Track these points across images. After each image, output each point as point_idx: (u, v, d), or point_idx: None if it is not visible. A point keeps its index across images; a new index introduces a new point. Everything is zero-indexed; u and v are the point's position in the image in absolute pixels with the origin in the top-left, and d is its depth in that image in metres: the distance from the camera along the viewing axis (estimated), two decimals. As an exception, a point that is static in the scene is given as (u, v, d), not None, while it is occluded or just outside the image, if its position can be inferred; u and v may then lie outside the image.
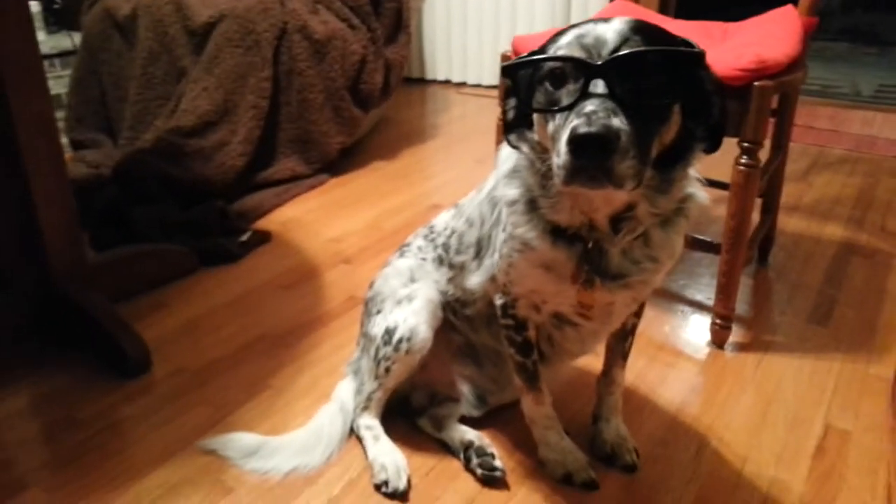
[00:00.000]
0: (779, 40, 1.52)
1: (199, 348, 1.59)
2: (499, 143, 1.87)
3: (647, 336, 1.61)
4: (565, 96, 0.85)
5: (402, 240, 1.40)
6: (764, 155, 1.57)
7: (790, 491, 1.18)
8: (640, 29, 0.85)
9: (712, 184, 1.96)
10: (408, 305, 1.24)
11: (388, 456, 1.22)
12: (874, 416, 1.37)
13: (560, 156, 0.81)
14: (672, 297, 1.80)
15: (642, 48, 0.82)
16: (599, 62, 0.81)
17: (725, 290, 1.53)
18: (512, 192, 1.02)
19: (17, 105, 1.47)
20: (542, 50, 0.90)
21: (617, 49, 0.82)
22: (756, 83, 1.37)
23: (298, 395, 1.43)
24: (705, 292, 1.80)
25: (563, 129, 0.81)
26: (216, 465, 1.23)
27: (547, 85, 0.87)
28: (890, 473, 1.22)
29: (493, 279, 1.12)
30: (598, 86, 0.81)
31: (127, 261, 1.80)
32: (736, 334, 1.62)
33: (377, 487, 1.18)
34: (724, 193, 1.55)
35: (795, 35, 1.57)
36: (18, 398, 1.44)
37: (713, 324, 1.58)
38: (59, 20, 3.71)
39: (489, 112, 3.55)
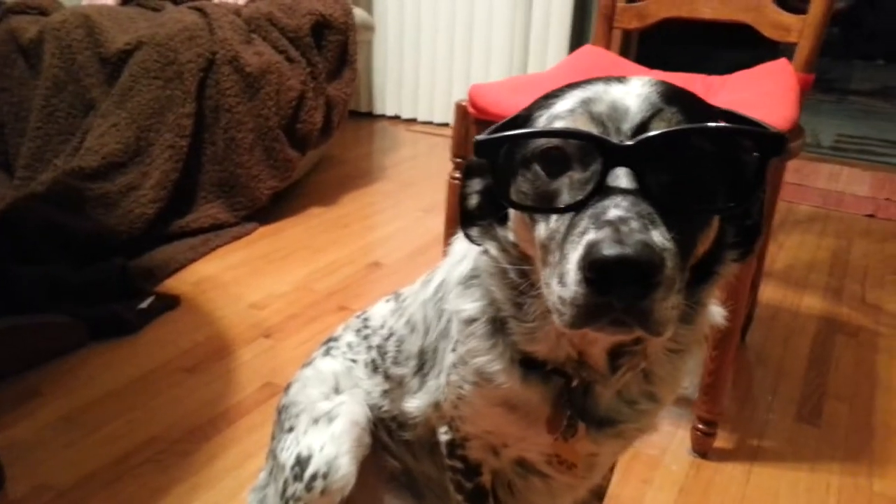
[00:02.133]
0: (777, 102, 1.31)
1: (73, 455, 1.28)
2: (450, 202, 1.63)
3: (617, 440, 1.37)
4: (567, 189, 0.60)
5: (336, 307, 1.14)
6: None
7: None
8: (674, 96, 0.61)
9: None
10: (326, 427, 0.97)
11: None
12: (887, 549, 1.15)
13: (567, 285, 0.55)
14: (644, 387, 1.56)
15: (692, 125, 0.58)
16: (627, 142, 0.56)
17: (712, 392, 1.30)
18: (469, 306, 0.75)
19: None
20: (529, 117, 0.64)
21: (645, 124, 0.58)
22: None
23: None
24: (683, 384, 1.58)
25: (568, 243, 0.56)
26: None
27: (537, 169, 0.61)
28: None
29: (437, 407, 0.86)
30: (621, 177, 0.56)
31: (2, 334, 1.49)
32: (720, 438, 1.39)
33: None
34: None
35: (793, 95, 1.37)
36: None
37: (695, 429, 1.34)
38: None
39: (440, 153, 3.31)
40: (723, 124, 0.60)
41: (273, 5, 2.52)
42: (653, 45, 3.07)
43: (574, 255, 0.54)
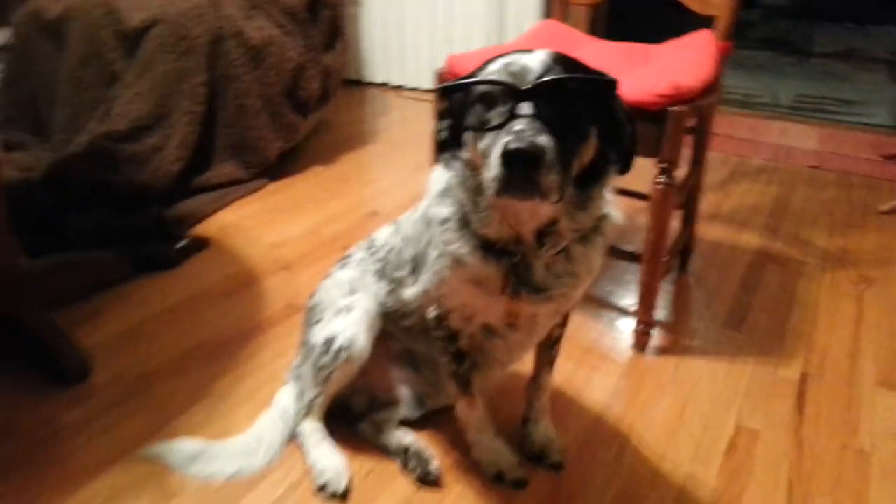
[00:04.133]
0: (695, 66, 1.62)
1: (138, 356, 1.60)
2: (434, 148, 1.93)
3: (574, 340, 1.70)
4: (496, 117, 0.93)
5: (341, 247, 1.45)
6: (683, 170, 1.67)
7: (703, 485, 1.28)
8: (560, 60, 0.96)
9: (635, 195, 2.08)
10: (347, 316, 1.29)
11: (328, 459, 1.26)
12: (781, 416, 1.48)
13: (492, 169, 0.90)
14: (599, 304, 1.89)
15: (564, 75, 0.93)
16: (526, 87, 0.91)
17: (646, 298, 1.63)
18: (444, 210, 1.09)
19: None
20: (474, 75, 0.99)
21: (541, 76, 0.92)
22: (671, 108, 1.47)
23: (240, 401, 1.46)
24: (629, 298, 1.91)
25: (494, 146, 0.90)
26: (159, 471, 1.26)
27: (478, 107, 0.96)
28: (791, 468, 1.34)
29: (427, 293, 1.18)
30: (525, 108, 0.90)
31: (62, 269, 1.79)
32: (657, 339, 1.72)
33: (318, 490, 1.23)
34: (647, 204, 1.64)
35: (711, 60, 1.68)
36: (-48, 409, 1.44)
37: (635, 329, 1.67)
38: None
39: (427, 116, 3.60)
40: (575, 75, 0.94)
41: (272, -17, 2.79)
42: (624, 16, 3.37)
43: (496, 150, 0.89)
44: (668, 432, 1.42)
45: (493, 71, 0.95)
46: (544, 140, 0.87)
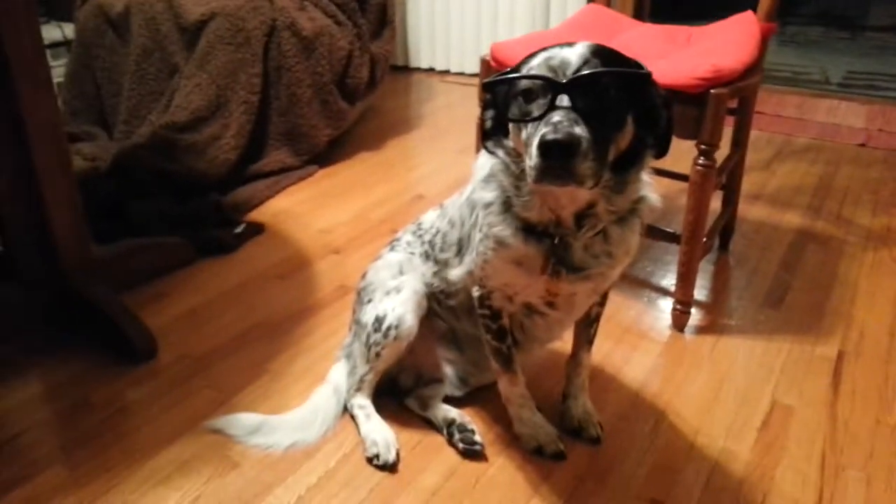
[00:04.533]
0: (737, 47, 1.65)
1: (201, 335, 1.72)
2: (479, 136, 1.99)
3: (614, 320, 1.76)
4: (536, 109, 1.00)
5: (389, 230, 1.52)
6: (725, 150, 1.70)
7: (737, 459, 1.33)
8: (599, 52, 1.01)
9: (676, 176, 2.11)
10: (396, 296, 1.37)
11: (378, 432, 1.35)
12: (816, 393, 1.52)
13: (532, 158, 0.96)
14: (638, 284, 1.94)
15: (599, 69, 0.98)
16: (564, 80, 0.97)
17: (684, 278, 1.67)
18: (488, 195, 1.16)
19: (28, 107, 1.56)
20: (517, 69, 1.05)
21: (578, 70, 0.98)
22: (712, 91, 1.50)
23: (295, 378, 1.56)
24: (669, 279, 1.95)
25: (534, 136, 0.96)
26: (222, 443, 1.37)
27: (520, 99, 1.02)
28: (825, 443, 1.37)
29: (471, 273, 1.25)
30: (563, 100, 0.96)
31: (129, 253, 1.92)
32: (695, 318, 1.76)
33: (369, 460, 1.32)
34: (687, 185, 1.67)
35: (753, 41, 1.70)
36: (35, 384, 1.56)
37: (674, 309, 1.72)
38: (48, 11, 3.78)
39: (472, 101, 3.65)
40: (609, 69, 0.99)
41: (321, -25, 2.87)
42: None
43: (535, 140, 0.95)
44: (703, 408, 1.46)
45: (535, 65, 1.02)
46: (579, 131, 0.93)
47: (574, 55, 1.00)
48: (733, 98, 1.62)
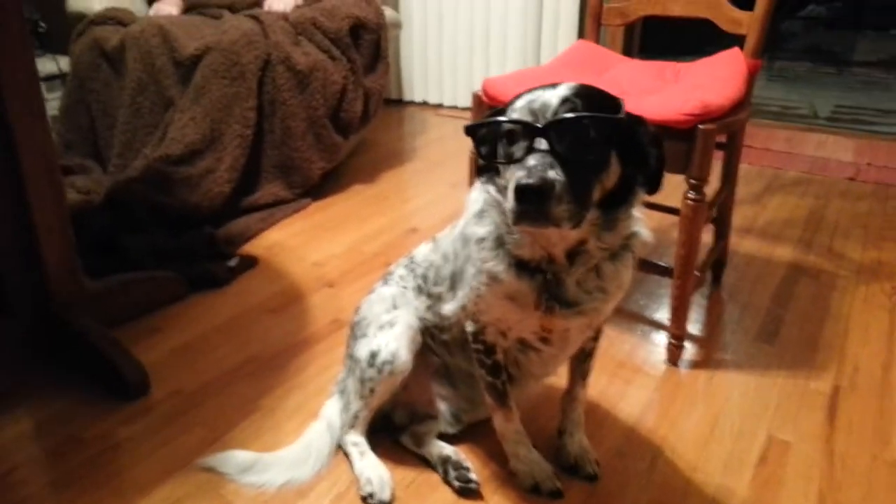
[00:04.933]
0: (724, 83, 1.67)
1: (194, 371, 1.70)
2: (472, 170, 2.00)
3: (608, 354, 1.75)
4: (517, 151, 1.02)
5: (382, 263, 1.52)
6: (715, 185, 1.71)
7: (735, 496, 1.32)
8: (580, 94, 1.02)
9: (667, 210, 2.13)
10: (390, 330, 1.37)
11: (373, 470, 1.34)
12: (812, 427, 1.51)
13: (509, 201, 0.98)
14: (632, 317, 1.94)
15: (574, 114, 0.99)
16: (540, 125, 0.99)
17: (678, 312, 1.68)
18: (481, 230, 1.16)
19: (21, 136, 1.56)
20: (503, 111, 1.07)
21: (557, 112, 0.99)
22: (700, 126, 1.52)
23: (288, 414, 1.54)
24: (663, 312, 1.95)
25: (512, 179, 0.98)
26: (215, 482, 1.35)
27: (505, 141, 1.04)
28: (822, 479, 1.37)
29: (464, 308, 1.25)
30: (541, 143, 0.98)
31: (122, 287, 1.91)
32: (690, 352, 1.76)
33: (363, 499, 1.30)
34: (678, 219, 1.68)
35: (740, 77, 1.73)
36: (25, 420, 1.54)
37: (669, 343, 1.72)
38: (43, 44, 3.80)
39: (464, 135, 3.69)
40: (587, 114, 0.99)
41: (315, 11, 2.90)
42: (657, 35, 3.42)
43: (512, 184, 0.96)
44: (699, 444, 1.46)
45: (517, 108, 1.03)
46: (553, 175, 0.95)
47: (555, 97, 1.01)
48: (721, 133, 1.63)
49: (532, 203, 0.95)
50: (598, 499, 1.32)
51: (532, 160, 0.96)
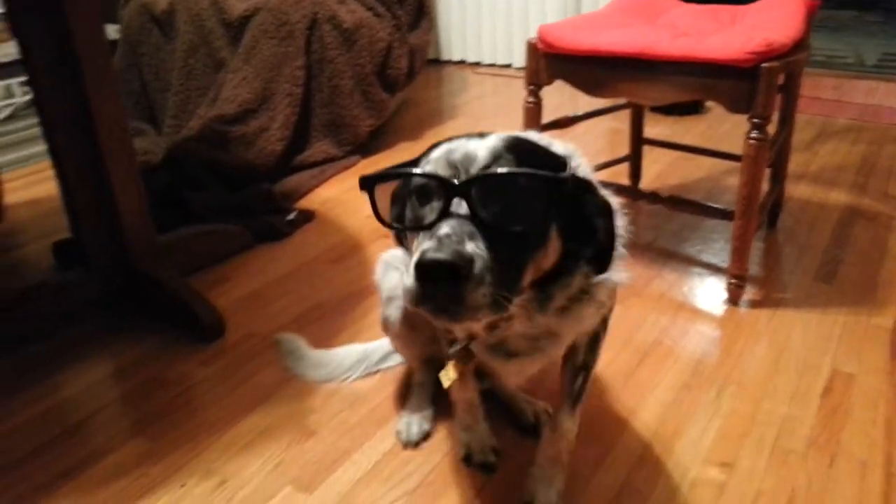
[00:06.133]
0: (785, 23, 1.66)
1: (263, 316, 1.76)
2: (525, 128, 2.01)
3: (667, 297, 1.78)
4: (428, 214, 0.79)
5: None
6: (772, 129, 1.71)
7: (802, 423, 1.35)
8: (515, 147, 0.81)
9: (724, 156, 2.13)
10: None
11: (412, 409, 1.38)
12: (876, 360, 1.53)
13: (409, 278, 0.73)
14: (689, 262, 1.95)
15: (504, 170, 0.77)
16: (458, 181, 0.76)
17: (739, 252, 1.69)
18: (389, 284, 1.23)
19: (95, 101, 1.62)
20: (416, 162, 0.84)
21: (487, 167, 0.78)
22: (764, 65, 1.52)
23: (360, 353, 1.60)
24: (720, 256, 1.96)
25: (416, 252, 0.74)
26: (299, 412, 1.41)
27: (414, 200, 0.82)
28: (888, 408, 1.39)
29: None
30: (461, 206, 0.75)
31: (192, 239, 1.97)
32: (749, 293, 1.78)
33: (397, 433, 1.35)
34: (735, 164, 1.69)
35: (800, 17, 1.72)
36: (109, 363, 1.62)
37: (729, 283, 1.74)
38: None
39: (504, 91, 3.70)
40: (525, 169, 0.78)
41: (359, -32, 2.92)
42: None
43: (415, 257, 0.72)
44: (765, 377, 1.48)
45: (433, 159, 0.81)
46: (472, 248, 0.72)
47: (483, 148, 0.79)
48: (783, 72, 1.63)
49: (440, 286, 0.71)
50: (667, 427, 1.35)
51: (446, 227, 0.73)
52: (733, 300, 1.74)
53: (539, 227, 0.79)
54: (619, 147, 2.39)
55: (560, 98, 3.01)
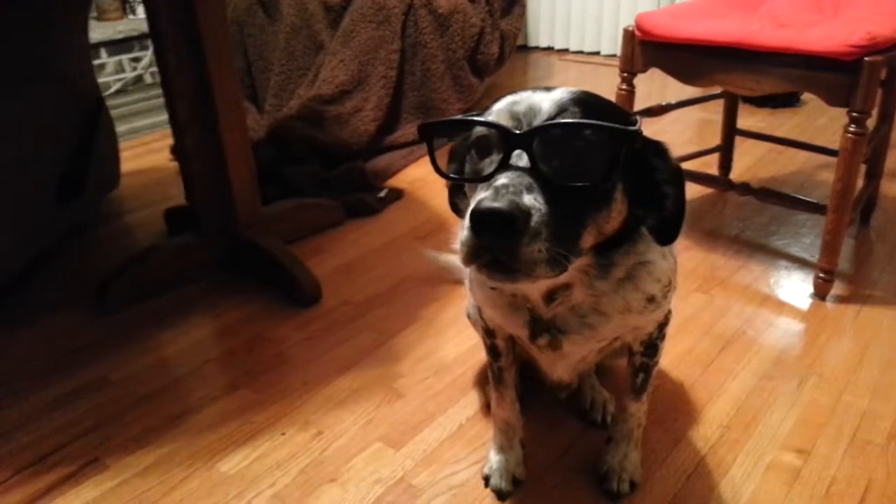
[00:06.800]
0: (890, 16, 1.64)
1: (357, 286, 1.87)
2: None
3: (752, 288, 1.79)
4: (487, 166, 0.77)
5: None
6: (871, 123, 1.69)
7: (884, 418, 1.35)
8: (583, 101, 0.77)
9: (819, 150, 2.11)
10: None
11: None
12: (966, 361, 1.51)
13: (463, 231, 0.71)
14: (776, 255, 1.95)
15: (570, 120, 0.74)
16: (520, 131, 0.73)
17: (830, 246, 1.68)
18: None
19: (215, 75, 1.74)
20: (480, 114, 0.82)
21: (552, 119, 0.75)
22: (867, 58, 1.51)
23: (446, 324, 1.68)
24: (809, 251, 1.95)
25: (472, 203, 0.71)
26: (388, 376, 1.51)
27: (473, 153, 0.80)
28: (977, 408, 1.37)
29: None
30: (522, 159, 0.73)
31: (292, 211, 2.09)
32: (837, 288, 1.77)
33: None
34: (829, 159, 1.68)
35: (907, 10, 1.69)
36: (215, 322, 1.75)
37: (816, 277, 1.73)
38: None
39: (590, 78, 3.71)
40: (591, 121, 0.74)
41: (456, -46, 2.98)
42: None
43: (470, 208, 0.70)
44: (848, 371, 1.49)
45: (495, 111, 0.79)
46: (529, 200, 0.69)
47: (547, 101, 0.77)
48: (886, 66, 1.61)
49: (494, 237, 0.68)
50: (747, 412, 1.38)
51: (504, 178, 0.71)
52: (820, 294, 1.74)
53: (603, 184, 0.75)
54: (708, 138, 2.39)
55: (649, 87, 3.02)
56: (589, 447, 1.29)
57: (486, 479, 1.22)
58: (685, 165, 2.13)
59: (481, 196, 0.69)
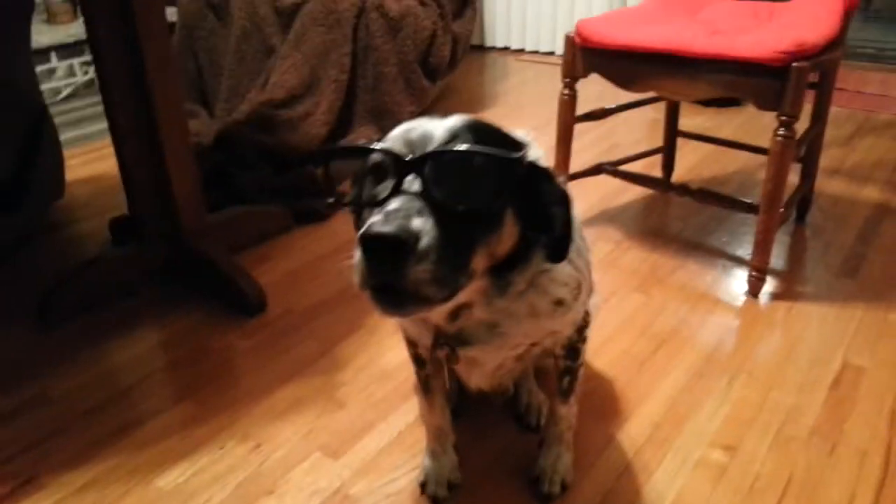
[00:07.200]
0: (819, 22, 1.69)
1: (303, 293, 1.88)
2: (560, 118, 2.07)
3: (689, 287, 1.84)
4: (382, 192, 0.78)
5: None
6: (803, 125, 1.74)
7: (807, 413, 1.41)
8: (475, 128, 0.81)
9: (757, 150, 2.16)
10: None
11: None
12: (888, 355, 1.57)
13: (355, 255, 0.74)
14: (714, 253, 2.00)
15: (460, 147, 0.77)
16: (409, 157, 0.76)
17: (762, 245, 1.74)
18: None
19: (155, 83, 1.73)
20: (377, 140, 0.85)
21: (443, 146, 0.78)
22: (794, 64, 1.55)
23: (389, 331, 1.70)
24: (745, 249, 2.00)
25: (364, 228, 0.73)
26: (330, 385, 1.52)
27: (370, 179, 0.82)
28: (895, 401, 1.43)
29: None
30: (414, 184, 0.75)
31: (237, 219, 2.10)
32: (770, 285, 1.83)
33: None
34: (765, 158, 1.73)
35: (836, 16, 1.75)
36: (158, 333, 1.75)
37: (750, 275, 1.78)
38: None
39: (546, 79, 3.74)
40: (480, 147, 0.77)
41: (406, -43, 2.99)
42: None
43: (359, 233, 0.72)
44: (776, 367, 1.54)
45: (391, 137, 0.82)
46: (419, 224, 0.71)
47: (441, 128, 0.80)
48: (814, 71, 1.66)
49: (384, 261, 0.70)
50: (678, 410, 1.42)
51: (395, 203, 0.73)
52: (753, 292, 1.79)
53: (492, 208, 0.78)
54: (657, 138, 2.43)
55: (602, 87, 3.06)
56: (525, 450, 1.33)
57: (423, 486, 1.25)
58: (629, 167, 2.19)
59: (372, 220, 0.71)
